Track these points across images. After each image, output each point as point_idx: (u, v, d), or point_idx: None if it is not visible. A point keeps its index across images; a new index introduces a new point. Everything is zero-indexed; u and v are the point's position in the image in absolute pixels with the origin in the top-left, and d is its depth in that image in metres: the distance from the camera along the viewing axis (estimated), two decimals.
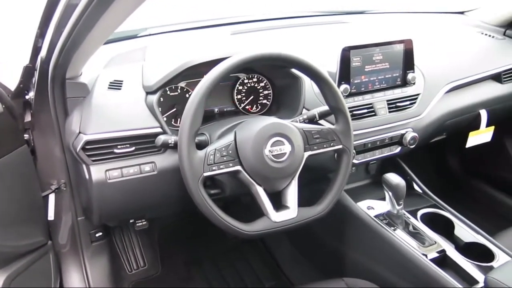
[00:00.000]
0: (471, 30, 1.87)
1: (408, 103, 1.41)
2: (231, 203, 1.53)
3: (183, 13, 1.87)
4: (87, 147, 1.03)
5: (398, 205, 1.28)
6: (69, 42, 0.89)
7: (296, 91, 1.25)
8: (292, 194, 1.02)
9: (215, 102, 1.29)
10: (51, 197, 1.32)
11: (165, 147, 1.06)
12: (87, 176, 1.05)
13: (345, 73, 1.29)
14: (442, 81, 1.51)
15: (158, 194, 1.14)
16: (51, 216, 1.33)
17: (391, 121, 1.38)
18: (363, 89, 1.34)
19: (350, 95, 1.31)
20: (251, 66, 1.24)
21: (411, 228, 1.29)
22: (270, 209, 0.99)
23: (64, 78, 1.08)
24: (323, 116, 1.15)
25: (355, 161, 1.36)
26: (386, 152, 1.42)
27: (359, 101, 1.34)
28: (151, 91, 1.13)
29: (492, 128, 1.68)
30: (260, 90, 1.33)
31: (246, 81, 1.31)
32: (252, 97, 1.32)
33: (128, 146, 1.07)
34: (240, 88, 1.30)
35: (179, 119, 1.20)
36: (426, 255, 1.17)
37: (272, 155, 0.97)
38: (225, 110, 1.31)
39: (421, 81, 1.46)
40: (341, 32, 1.72)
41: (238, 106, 1.31)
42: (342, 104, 1.07)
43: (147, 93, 1.14)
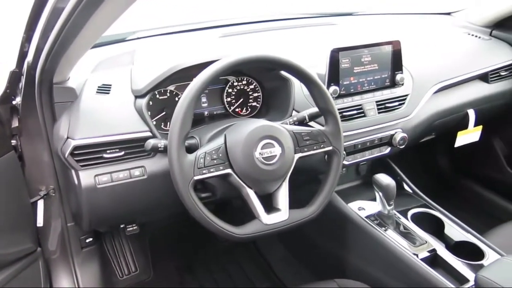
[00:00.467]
0: (458, 31, 1.89)
1: (397, 103, 1.42)
2: (222, 206, 1.52)
3: (173, 16, 1.86)
4: (76, 152, 1.02)
5: (389, 205, 1.28)
6: (56, 46, 0.88)
7: (286, 93, 1.25)
8: (283, 196, 1.02)
9: (205, 105, 1.29)
10: (40, 203, 1.30)
11: (155, 151, 1.05)
12: (76, 182, 1.04)
13: (334, 74, 1.30)
14: (430, 81, 1.52)
15: (148, 198, 1.14)
16: (40, 222, 1.31)
17: (380, 122, 1.39)
18: (352, 90, 1.35)
19: (339, 96, 1.32)
20: (240, 69, 1.24)
21: (402, 228, 1.30)
22: (261, 211, 0.98)
23: (51, 83, 1.07)
24: (313, 118, 1.15)
25: (346, 162, 1.37)
26: (376, 153, 1.43)
27: (348, 102, 1.34)
28: (140, 95, 1.12)
29: (480, 127, 1.70)
30: (250, 93, 1.33)
31: (235, 83, 1.30)
32: (242, 99, 1.32)
33: (117, 150, 1.06)
34: (230, 90, 1.30)
35: (168, 123, 1.19)
36: (417, 255, 1.18)
37: (263, 157, 0.96)
38: (215, 113, 1.31)
39: (409, 82, 1.47)
40: (329, 34, 1.72)
41: (228, 109, 1.31)
42: (331, 106, 1.07)
43: (136, 97, 1.13)
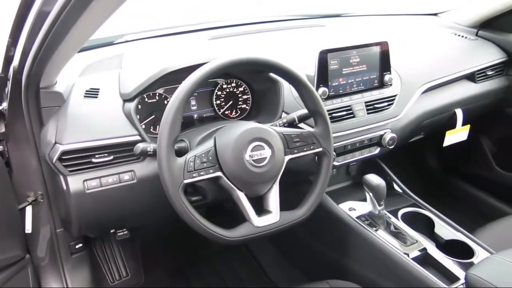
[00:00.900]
0: (444, 31, 1.91)
1: (385, 104, 1.43)
2: (213, 210, 1.51)
3: (161, 19, 1.86)
4: (64, 157, 1.01)
5: (379, 205, 1.29)
6: (42, 51, 0.87)
7: (275, 95, 1.25)
8: (273, 198, 1.02)
9: (194, 108, 1.28)
10: (28, 210, 1.29)
11: (144, 155, 1.04)
12: (64, 187, 1.03)
13: (323, 76, 1.30)
14: (418, 82, 1.53)
15: (138, 203, 1.13)
16: (28, 229, 1.30)
17: (369, 122, 1.39)
18: (341, 91, 1.35)
19: (328, 97, 1.32)
20: (229, 71, 1.23)
21: (392, 228, 1.30)
22: (252, 214, 0.98)
23: (38, 87, 1.05)
24: (302, 119, 1.15)
25: (336, 163, 1.37)
26: (366, 153, 1.43)
27: (337, 103, 1.35)
28: (128, 98, 1.12)
29: (468, 126, 1.72)
30: (239, 95, 1.32)
31: (225, 86, 1.30)
32: (231, 102, 1.32)
33: (106, 155, 1.05)
34: (219, 93, 1.30)
35: (158, 126, 1.19)
36: (408, 254, 1.19)
37: (253, 160, 0.96)
38: (204, 116, 1.30)
39: (397, 82, 1.48)
40: (318, 35, 1.73)
41: (218, 111, 1.31)
42: (320, 107, 1.07)
43: (125, 100, 1.12)
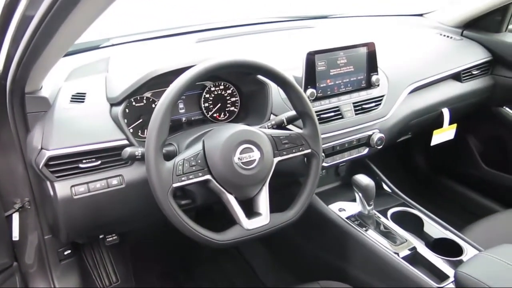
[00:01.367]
0: (430, 32, 1.93)
1: (373, 104, 1.44)
2: (203, 213, 1.51)
3: (147, 22, 1.85)
4: (51, 163, 1.00)
5: (369, 205, 1.29)
6: (27, 55, 0.86)
7: (263, 97, 1.25)
8: (263, 201, 1.02)
9: (182, 111, 1.28)
10: (15, 217, 1.27)
11: (132, 159, 1.03)
12: (51, 193, 1.02)
13: (310, 77, 1.31)
14: (405, 82, 1.55)
15: (127, 207, 1.12)
16: (15, 236, 1.28)
17: (358, 123, 1.40)
18: (329, 92, 1.36)
19: (316, 99, 1.33)
20: (217, 74, 1.23)
21: (382, 227, 1.31)
22: (242, 216, 0.98)
23: (23, 92, 1.04)
24: (290, 121, 1.15)
25: (325, 164, 1.37)
26: (355, 154, 1.44)
27: (325, 104, 1.35)
28: (115, 102, 1.11)
29: (455, 126, 1.73)
30: (228, 98, 1.32)
31: (213, 89, 1.30)
32: (219, 104, 1.31)
33: (93, 160, 1.04)
34: (207, 96, 1.30)
35: (146, 130, 1.18)
36: (398, 254, 1.19)
37: (242, 162, 0.96)
38: (192, 119, 1.30)
39: (385, 82, 1.49)
40: (305, 37, 1.74)
41: (206, 114, 1.30)
42: (309, 109, 1.08)
43: (112, 104, 1.11)
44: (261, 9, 2.24)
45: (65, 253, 1.38)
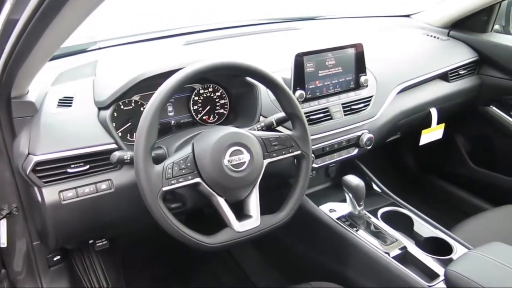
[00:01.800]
0: (417, 32, 1.95)
1: (362, 105, 1.45)
2: (194, 216, 1.50)
3: (135, 25, 1.84)
4: (38, 168, 0.98)
5: (359, 205, 1.30)
6: (12, 60, 0.85)
7: (253, 99, 1.25)
8: (254, 203, 1.02)
9: (171, 114, 1.27)
10: (3, 223, 1.25)
11: (121, 163, 1.03)
12: (39, 199, 1.01)
13: (299, 79, 1.31)
14: (393, 82, 1.56)
15: (116, 212, 1.11)
16: (3, 243, 1.26)
17: (347, 123, 1.41)
18: (318, 94, 1.36)
19: (305, 100, 1.33)
20: (205, 76, 1.23)
21: (372, 227, 1.32)
22: (233, 219, 0.97)
23: (9, 97, 1.03)
24: (280, 122, 1.15)
25: (315, 165, 1.38)
26: (345, 155, 1.45)
27: (315, 105, 1.36)
28: (103, 106, 1.10)
29: (443, 125, 1.75)
30: (217, 100, 1.32)
31: (201, 91, 1.29)
32: (208, 107, 1.31)
33: (82, 164, 1.03)
34: (196, 98, 1.29)
35: (134, 134, 1.17)
36: (388, 253, 1.20)
37: (231, 165, 0.96)
38: (182, 121, 1.29)
39: (373, 83, 1.50)
40: (294, 38, 1.74)
41: (195, 117, 1.30)
42: (298, 110, 1.08)
43: (100, 108, 1.11)
44: (253, 10, 2.24)
45: (54, 259, 1.37)
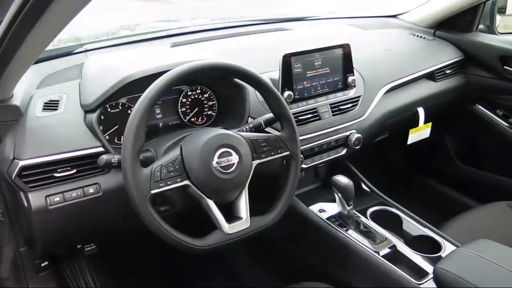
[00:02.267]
0: (404, 32, 1.97)
1: (350, 105, 1.45)
2: (184, 219, 1.50)
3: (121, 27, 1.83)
4: (24, 173, 0.97)
5: (348, 205, 1.31)
6: None
7: (241, 100, 1.24)
8: (243, 204, 1.01)
9: (159, 116, 1.26)
10: None
11: (109, 167, 1.02)
12: (25, 204, 0.99)
13: (287, 79, 1.31)
14: (380, 82, 1.57)
15: (105, 216, 1.10)
16: None
17: (335, 124, 1.41)
18: (306, 94, 1.36)
19: (294, 101, 1.33)
20: (193, 78, 1.22)
21: (362, 227, 1.32)
22: (222, 221, 0.97)
23: None
24: (268, 123, 1.15)
25: (304, 165, 1.38)
26: (333, 155, 1.45)
27: (303, 106, 1.36)
28: (90, 109, 1.09)
29: (430, 124, 1.76)
30: (205, 102, 1.31)
31: (189, 93, 1.29)
32: (196, 109, 1.30)
33: (69, 168, 1.02)
34: (184, 100, 1.28)
35: (122, 137, 1.16)
36: (378, 252, 1.21)
37: (220, 166, 0.95)
38: (170, 124, 1.28)
39: (361, 83, 1.50)
40: (281, 39, 1.74)
41: (183, 119, 1.29)
42: (286, 111, 1.08)
43: (86, 111, 1.09)
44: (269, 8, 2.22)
45: (42, 265, 1.35)
